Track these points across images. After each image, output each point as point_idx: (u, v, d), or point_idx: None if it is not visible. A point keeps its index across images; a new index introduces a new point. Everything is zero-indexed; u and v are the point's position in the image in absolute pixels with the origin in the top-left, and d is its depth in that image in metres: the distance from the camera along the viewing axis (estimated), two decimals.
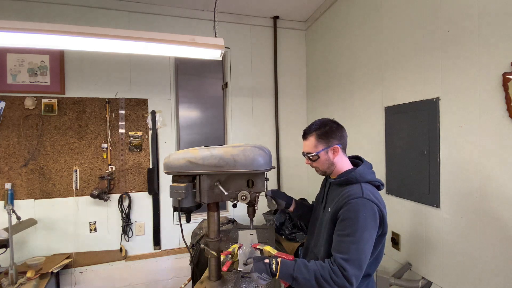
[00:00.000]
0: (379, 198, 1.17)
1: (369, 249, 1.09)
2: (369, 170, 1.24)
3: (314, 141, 1.24)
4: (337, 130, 1.25)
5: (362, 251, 1.07)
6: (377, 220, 1.10)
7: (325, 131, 1.23)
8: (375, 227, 1.10)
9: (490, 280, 1.30)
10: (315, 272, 1.06)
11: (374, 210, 1.10)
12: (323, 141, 1.23)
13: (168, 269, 2.71)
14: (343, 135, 1.26)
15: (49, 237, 2.43)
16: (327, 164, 1.25)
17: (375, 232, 1.11)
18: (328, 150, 1.23)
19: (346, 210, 1.11)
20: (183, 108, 2.92)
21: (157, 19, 2.69)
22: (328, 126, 1.25)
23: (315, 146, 1.24)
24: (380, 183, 1.24)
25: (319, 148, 1.23)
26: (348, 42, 2.37)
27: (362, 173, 1.19)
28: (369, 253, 1.09)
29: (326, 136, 1.23)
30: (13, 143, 2.36)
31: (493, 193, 1.28)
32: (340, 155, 1.25)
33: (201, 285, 1.40)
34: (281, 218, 2.51)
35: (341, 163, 1.26)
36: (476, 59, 1.34)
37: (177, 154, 1.32)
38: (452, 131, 1.47)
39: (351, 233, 1.07)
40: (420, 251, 1.69)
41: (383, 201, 1.18)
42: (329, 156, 1.24)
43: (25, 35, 1.46)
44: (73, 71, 2.50)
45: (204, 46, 1.74)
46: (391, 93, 1.89)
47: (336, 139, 1.23)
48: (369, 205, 1.10)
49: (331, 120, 1.28)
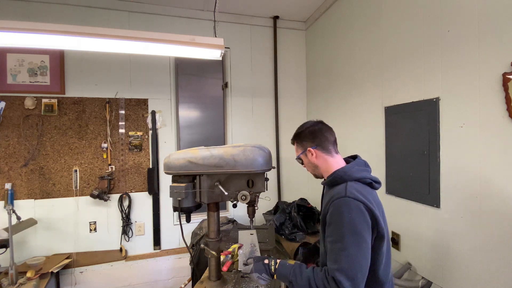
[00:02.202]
0: (369, 196, 1.05)
1: (362, 254, 0.97)
2: (359, 167, 1.15)
3: (296, 146, 1.27)
4: (310, 133, 1.21)
5: (354, 258, 0.96)
6: (366, 219, 0.99)
7: (298, 135, 1.25)
8: (366, 228, 0.99)
9: (490, 280, 1.30)
10: (309, 279, 1.03)
11: (359, 208, 0.99)
12: (301, 145, 1.24)
13: (168, 269, 2.71)
14: (317, 136, 1.20)
15: (49, 237, 2.43)
16: (312, 166, 1.23)
17: (368, 233, 0.99)
18: (306, 153, 1.22)
19: (330, 214, 1.03)
20: (183, 108, 2.92)
21: (157, 19, 2.69)
22: (301, 129, 1.24)
23: (296, 150, 1.27)
24: (373, 180, 1.13)
25: (299, 152, 1.25)
26: (348, 42, 2.37)
27: (348, 171, 1.11)
28: (363, 258, 0.98)
29: (300, 139, 1.24)
30: (13, 143, 2.36)
31: (493, 193, 1.28)
32: (321, 156, 1.19)
33: (201, 285, 1.40)
34: (281, 218, 2.51)
35: (326, 164, 1.19)
36: (476, 59, 1.34)
37: (177, 154, 1.32)
38: (452, 131, 1.47)
39: (338, 238, 0.99)
40: (420, 251, 1.69)
41: (376, 200, 1.09)
42: (309, 159, 1.21)
43: (25, 35, 1.46)
44: (73, 71, 2.50)
45: (204, 46, 1.75)
46: (391, 93, 1.89)
47: (309, 142, 1.21)
48: (353, 204, 1.00)
49: (314, 122, 1.24)
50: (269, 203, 2.81)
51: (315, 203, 2.78)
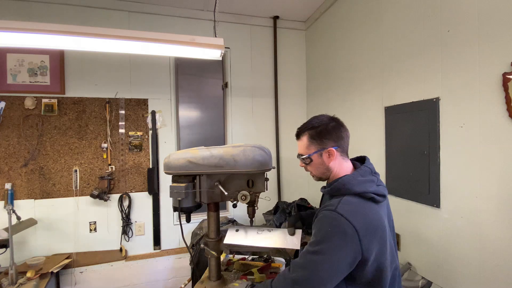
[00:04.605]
0: (369, 214, 0.94)
1: (327, 271, 0.89)
2: (363, 177, 1.01)
3: (307, 141, 1.08)
4: (334, 130, 1.06)
5: (315, 271, 0.89)
6: (346, 241, 0.88)
7: (318, 131, 1.06)
8: (342, 247, 0.88)
9: (490, 280, 1.30)
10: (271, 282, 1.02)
11: (343, 229, 0.88)
12: (316, 142, 1.06)
13: (168, 269, 2.71)
14: (341, 135, 1.07)
15: (49, 237, 2.43)
16: (322, 168, 1.08)
17: (344, 255, 0.88)
18: (322, 152, 1.06)
19: (315, 222, 0.97)
20: (183, 108, 2.92)
21: (157, 19, 2.69)
22: (323, 125, 1.07)
23: (307, 147, 1.09)
24: (376, 194, 0.98)
25: (312, 150, 1.07)
26: (348, 42, 2.37)
27: (347, 184, 0.98)
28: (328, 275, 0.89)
29: (319, 136, 1.06)
30: (13, 143, 2.36)
31: (493, 193, 1.28)
32: (337, 159, 1.07)
33: (201, 285, 1.40)
34: (281, 218, 2.51)
35: (338, 168, 1.07)
36: (476, 59, 1.34)
37: (177, 154, 1.32)
38: (452, 131, 1.47)
39: (311, 244, 0.93)
40: (420, 251, 1.69)
41: (378, 219, 0.94)
42: (323, 160, 1.06)
43: (25, 35, 1.46)
44: (73, 71, 2.50)
45: (204, 46, 1.74)
46: (391, 93, 1.89)
47: (332, 141, 1.05)
48: (339, 221, 0.89)
49: (330, 118, 1.10)
50: (269, 203, 2.81)
51: (315, 203, 2.78)
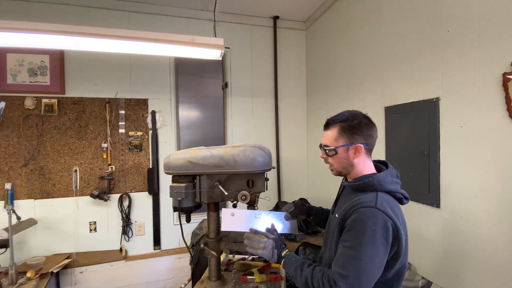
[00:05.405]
0: (398, 213, 1.00)
1: (373, 268, 0.93)
2: (392, 178, 1.07)
3: (336, 133, 1.07)
4: (366, 127, 1.07)
5: (364, 270, 0.91)
6: (389, 237, 0.93)
7: (351, 125, 1.06)
8: (384, 244, 0.93)
9: (490, 281, 1.30)
10: (306, 278, 1.02)
11: (386, 224, 0.93)
12: (346, 136, 1.06)
13: (168, 269, 2.71)
14: (371, 134, 1.08)
15: (49, 237, 2.43)
16: (345, 163, 1.09)
17: (385, 251, 0.94)
18: (349, 147, 1.06)
19: (353, 220, 0.96)
20: (183, 108, 2.92)
21: (157, 19, 2.69)
22: (357, 120, 1.06)
23: (335, 139, 1.08)
24: (404, 196, 1.07)
25: (339, 143, 1.07)
26: (348, 42, 2.37)
27: (382, 180, 1.03)
28: (373, 273, 0.93)
29: (350, 130, 1.06)
30: (13, 143, 2.36)
31: (493, 193, 1.28)
32: (362, 156, 1.08)
33: (201, 285, 1.40)
34: None
35: (362, 166, 1.09)
36: (476, 59, 1.34)
37: (177, 154, 1.32)
38: (452, 131, 1.47)
39: (354, 246, 0.93)
40: (420, 251, 1.69)
41: (402, 218, 1.02)
42: (348, 155, 1.07)
43: (25, 35, 1.46)
44: (73, 71, 2.50)
45: (204, 46, 1.74)
46: (391, 93, 1.89)
47: (362, 137, 1.06)
48: (381, 217, 0.93)
49: (364, 115, 1.10)
50: (269, 203, 2.80)
51: (315, 203, 2.78)
